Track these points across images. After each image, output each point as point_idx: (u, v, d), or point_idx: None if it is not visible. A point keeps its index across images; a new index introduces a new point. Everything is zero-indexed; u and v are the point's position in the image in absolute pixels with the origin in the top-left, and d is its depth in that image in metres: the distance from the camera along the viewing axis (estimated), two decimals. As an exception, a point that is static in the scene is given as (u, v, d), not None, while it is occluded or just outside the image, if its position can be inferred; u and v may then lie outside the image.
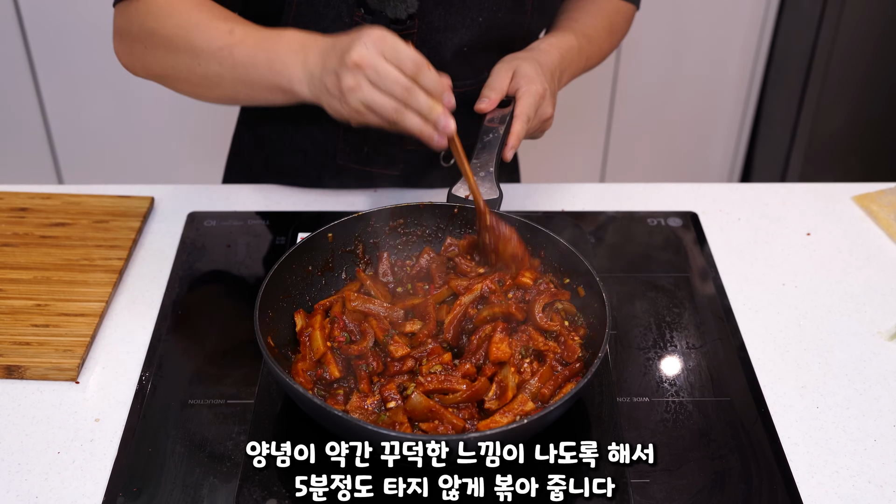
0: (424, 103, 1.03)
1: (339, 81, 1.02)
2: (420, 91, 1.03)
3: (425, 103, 1.03)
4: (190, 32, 1.14)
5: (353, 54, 1.00)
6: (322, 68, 1.05)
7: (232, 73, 1.13)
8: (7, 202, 1.38)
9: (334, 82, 1.03)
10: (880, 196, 1.46)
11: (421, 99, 1.03)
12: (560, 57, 1.32)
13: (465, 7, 1.31)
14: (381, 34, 1.02)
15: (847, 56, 2.44)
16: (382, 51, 1.01)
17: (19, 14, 2.41)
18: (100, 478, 1.01)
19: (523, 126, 1.22)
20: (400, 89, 1.01)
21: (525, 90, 1.24)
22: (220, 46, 1.13)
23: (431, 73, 1.03)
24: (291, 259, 1.13)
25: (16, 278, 1.24)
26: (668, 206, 1.45)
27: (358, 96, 1.02)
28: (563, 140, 2.73)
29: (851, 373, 1.16)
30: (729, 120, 2.78)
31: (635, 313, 1.24)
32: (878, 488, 1.01)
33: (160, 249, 1.34)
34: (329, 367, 1.05)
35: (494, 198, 1.20)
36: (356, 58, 1.00)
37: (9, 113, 2.56)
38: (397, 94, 1.02)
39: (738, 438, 1.06)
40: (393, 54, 1.01)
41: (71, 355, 1.13)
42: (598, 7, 1.44)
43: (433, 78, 1.03)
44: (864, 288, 1.30)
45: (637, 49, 2.61)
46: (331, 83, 1.04)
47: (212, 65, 1.14)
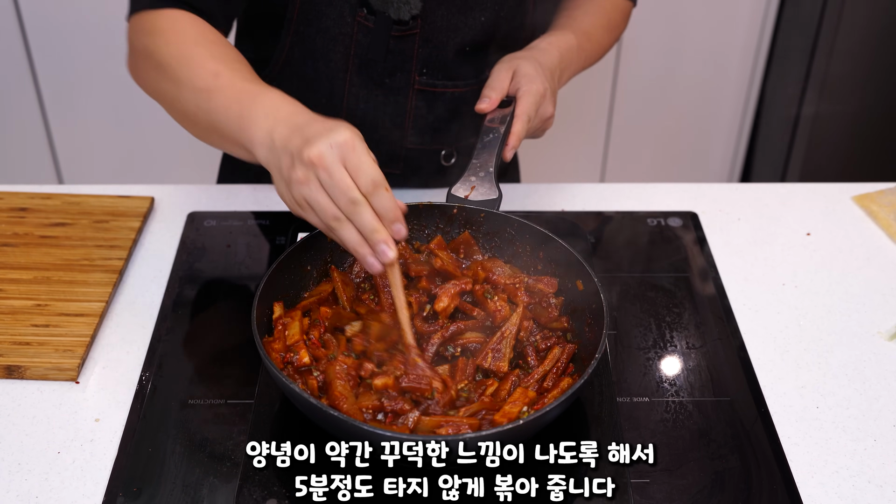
0: (368, 222, 0.97)
1: (292, 169, 0.98)
2: (368, 209, 0.97)
3: (368, 223, 0.97)
4: (180, 65, 1.12)
5: (312, 150, 0.96)
6: (284, 145, 1.00)
7: (206, 118, 1.10)
8: (7, 202, 1.38)
9: (288, 166, 0.99)
10: (880, 196, 1.46)
11: (366, 217, 0.97)
12: (560, 56, 1.33)
13: (467, 7, 1.31)
14: (352, 139, 0.97)
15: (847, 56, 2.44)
16: (345, 157, 0.96)
17: (19, 14, 2.41)
18: (100, 478, 1.01)
19: (524, 126, 1.22)
20: (346, 200, 0.96)
21: (525, 90, 1.24)
22: (200, 88, 1.10)
23: (388, 196, 0.98)
24: (289, 259, 1.13)
25: (16, 278, 1.24)
26: (668, 206, 1.45)
27: (303, 191, 0.98)
28: (563, 140, 2.73)
29: (851, 373, 1.16)
30: (729, 120, 2.78)
31: (635, 313, 1.24)
32: (878, 488, 1.01)
33: (160, 249, 1.34)
34: (300, 353, 1.04)
35: (494, 198, 1.20)
36: (314, 155, 0.96)
37: (9, 113, 2.56)
38: (341, 205, 0.96)
39: (738, 438, 1.06)
40: (355, 164, 0.96)
41: (71, 355, 1.13)
42: (596, 4, 1.44)
43: (388, 200, 0.98)
44: (864, 288, 1.30)
45: (637, 49, 2.61)
46: (285, 165, 1.00)
47: (189, 103, 1.12)
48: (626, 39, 2.60)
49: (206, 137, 1.15)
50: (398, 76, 1.35)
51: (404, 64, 1.34)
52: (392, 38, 1.30)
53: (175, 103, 1.15)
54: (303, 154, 0.97)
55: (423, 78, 1.36)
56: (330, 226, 0.99)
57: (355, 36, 1.30)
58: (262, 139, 1.03)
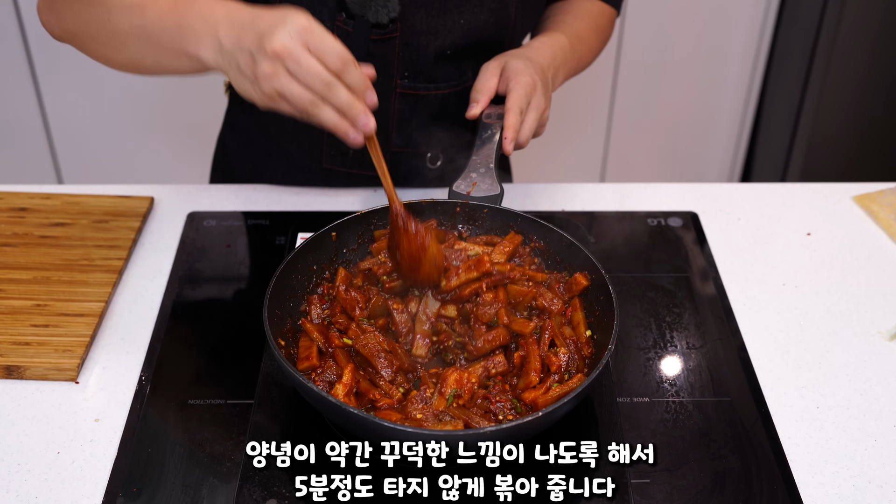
0: (344, 99, 0.99)
1: (255, 65, 0.98)
2: (342, 87, 0.98)
3: (345, 99, 0.99)
4: None
5: (274, 42, 0.95)
6: (236, 44, 1.00)
7: (140, 34, 1.09)
8: (7, 202, 1.38)
9: (248, 63, 0.99)
10: (880, 196, 1.46)
11: (342, 95, 0.98)
12: (552, 54, 1.32)
13: (446, 10, 1.31)
14: (308, 23, 0.97)
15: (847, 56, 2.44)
16: (307, 42, 0.96)
17: (19, 14, 2.41)
18: (100, 478, 1.00)
19: (517, 118, 1.21)
20: (320, 84, 0.97)
21: (515, 82, 1.23)
22: (132, 4, 1.09)
23: (355, 69, 0.99)
24: (297, 259, 1.13)
25: (16, 278, 1.24)
26: (668, 206, 1.45)
27: (273, 84, 0.97)
28: (563, 140, 2.74)
29: (851, 373, 1.16)
30: (729, 120, 2.78)
31: (635, 313, 1.24)
32: (878, 488, 1.01)
33: (160, 249, 1.34)
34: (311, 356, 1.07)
35: (496, 194, 1.20)
36: (277, 46, 0.95)
37: (9, 113, 2.56)
38: (316, 88, 0.97)
39: (738, 438, 1.06)
40: (318, 46, 0.96)
41: (71, 355, 1.13)
42: (583, 9, 1.45)
43: (357, 75, 0.99)
44: (864, 288, 1.30)
45: (637, 49, 2.61)
46: (244, 63, 0.99)
47: (121, 22, 1.10)
48: (627, 39, 2.60)
49: (138, 59, 1.13)
50: (380, 80, 1.34)
51: (385, 68, 1.33)
52: (372, 41, 1.30)
53: (101, 30, 1.13)
54: (265, 48, 0.96)
55: (405, 81, 1.36)
56: (307, 111, 0.99)
57: None
58: (207, 43, 1.03)
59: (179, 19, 1.05)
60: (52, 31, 1.21)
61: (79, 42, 1.18)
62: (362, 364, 1.06)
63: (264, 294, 1.05)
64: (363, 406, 1.02)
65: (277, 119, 1.38)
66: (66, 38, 1.20)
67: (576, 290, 1.14)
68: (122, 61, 1.15)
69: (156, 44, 1.08)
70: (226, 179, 1.56)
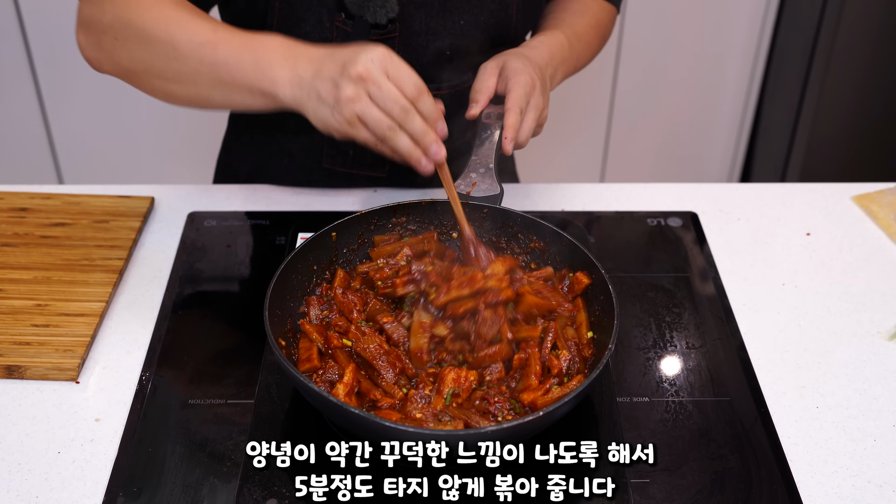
0: (419, 127, 1.03)
1: (338, 90, 1.01)
2: (417, 115, 1.03)
3: (419, 127, 1.03)
4: (170, 26, 1.12)
5: (358, 66, 1.00)
6: (315, 75, 1.04)
7: (211, 71, 1.11)
8: (7, 202, 1.38)
9: (330, 90, 1.02)
10: (880, 196, 1.46)
11: (416, 122, 1.03)
12: (550, 53, 1.32)
13: (446, 10, 1.31)
14: (388, 52, 1.02)
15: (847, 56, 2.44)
16: (387, 68, 1.01)
17: (19, 14, 2.41)
18: (100, 478, 1.01)
19: (517, 117, 1.21)
20: (398, 109, 1.02)
21: (514, 82, 1.23)
22: (201, 42, 1.11)
23: (429, 99, 1.04)
24: (297, 259, 1.13)
25: (16, 278, 1.24)
26: (668, 206, 1.45)
27: (355, 108, 1.01)
28: (563, 140, 2.74)
29: (851, 373, 1.16)
30: (729, 120, 2.78)
31: (635, 313, 1.24)
32: (877, 488, 1.01)
33: (160, 249, 1.34)
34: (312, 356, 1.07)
35: (495, 194, 1.20)
36: (361, 70, 1.00)
37: (9, 113, 2.56)
38: (395, 114, 1.02)
39: (738, 438, 1.06)
40: (396, 74, 1.02)
41: (71, 355, 1.13)
42: (584, 6, 1.44)
43: (430, 104, 1.04)
44: (864, 288, 1.30)
45: (637, 49, 2.61)
46: (325, 90, 1.03)
47: (191, 61, 1.11)
48: (627, 39, 2.60)
49: (206, 95, 1.14)
50: None
51: None
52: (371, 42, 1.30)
53: (167, 69, 1.13)
54: (348, 72, 1.01)
55: None
56: (384, 136, 1.03)
57: (334, 41, 1.30)
58: (287, 78, 1.06)
59: (256, 55, 1.08)
60: (100, 67, 1.21)
61: (135, 78, 1.19)
62: (363, 365, 1.06)
63: (265, 294, 1.05)
64: (364, 406, 1.02)
65: (279, 119, 1.38)
66: (119, 75, 1.20)
67: (578, 289, 1.14)
68: (186, 97, 1.16)
69: (228, 80, 1.10)
70: (228, 179, 1.56)
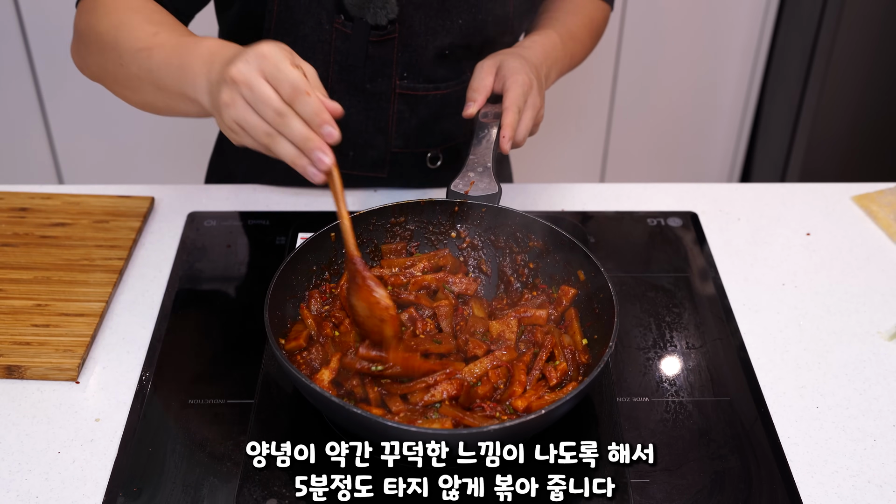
0: (298, 132, 0.94)
1: (218, 95, 0.96)
2: (295, 118, 0.93)
3: (298, 132, 0.93)
4: (119, 31, 1.12)
5: (232, 69, 0.93)
6: (217, 79, 0.98)
7: (148, 77, 1.09)
8: (7, 202, 1.38)
9: (215, 95, 0.97)
10: (880, 196, 1.46)
11: (294, 127, 0.93)
12: (544, 53, 1.32)
13: (445, 11, 1.31)
14: (270, 50, 0.93)
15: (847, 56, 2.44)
16: (262, 68, 0.93)
17: (19, 14, 2.41)
18: (100, 478, 1.01)
19: (514, 116, 1.21)
20: (271, 112, 0.93)
21: (511, 81, 1.22)
22: (140, 48, 1.10)
23: (311, 100, 0.93)
24: (297, 259, 1.13)
25: (16, 278, 1.24)
26: (668, 206, 1.45)
27: (231, 114, 0.95)
28: (563, 140, 2.73)
29: (851, 373, 1.16)
30: (729, 120, 2.78)
31: (635, 313, 1.24)
32: (877, 488, 1.01)
33: (160, 249, 1.34)
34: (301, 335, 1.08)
35: (494, 193, 1.20)
36: (234, 72, 0.93)
37: (9, 113, 2.56)
38: (268, 117, 0.93)
39: (738, 438, 1.06)
40: (273, 74, 0.92)
41: (71, 355, 1.13)
42: (577, 5, 1.44)
43: (310, 105, 0.93)
44: (864, 288, 1.30)
45: (637, 49, 2.61)
46: (214, 96, 0.98)
47: (132, 66, 1.10)
48: (627, 39, 2.60)
49: (150, 101, 1.13)
50: (379, 81, 1.34)
51: (384, 69, 1.33)
52: (371, 43, 1.30)
53: (117, 74, 1.14)
54: (224, 75, 0.95)
55: (404, 82, 1.36)
56: (264, 143, 0.95)
57: (334, 43, 1.30)
58: (201, 83, 1.02)
59: (182, 60, 1.05)
60: (84, 72, 1.23)
61: (105, 84, 1.20)
62: None
63: (265, 294, 1.05)
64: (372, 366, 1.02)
65: None
66: (95, 80, 1.22)
67: (566, 302, 1.14)
68: (139, 103, 1.17)
69: (163, 87, 1.09)
70: (222, 180, 1.56)
